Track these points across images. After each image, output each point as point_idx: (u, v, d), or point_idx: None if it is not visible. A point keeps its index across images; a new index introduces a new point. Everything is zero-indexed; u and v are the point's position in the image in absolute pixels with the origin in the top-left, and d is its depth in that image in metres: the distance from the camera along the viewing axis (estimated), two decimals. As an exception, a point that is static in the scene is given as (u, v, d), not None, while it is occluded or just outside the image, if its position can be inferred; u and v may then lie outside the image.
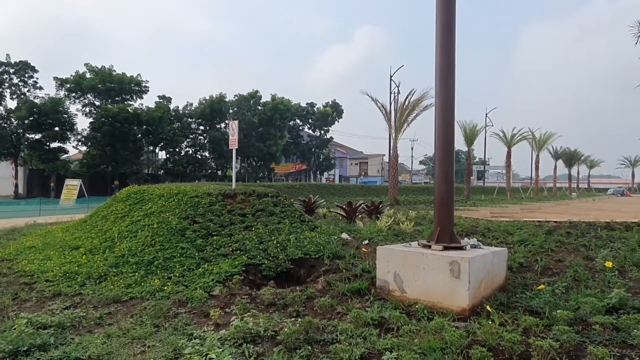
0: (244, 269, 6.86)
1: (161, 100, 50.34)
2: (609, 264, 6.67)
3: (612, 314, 4.81)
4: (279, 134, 58.68)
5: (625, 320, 4.47)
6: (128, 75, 46.66)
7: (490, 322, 4.63)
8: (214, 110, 52.32)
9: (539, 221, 14.69)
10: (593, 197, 55.25)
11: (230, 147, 11.17)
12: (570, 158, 68.94)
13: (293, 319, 4.93)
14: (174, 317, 5.16)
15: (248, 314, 5.04)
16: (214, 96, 53.35)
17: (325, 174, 75.70)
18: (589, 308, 4.87)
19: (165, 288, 6.13)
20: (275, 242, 7.86)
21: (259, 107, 57.93)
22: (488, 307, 5.04)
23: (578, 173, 79.55)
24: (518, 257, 7.36)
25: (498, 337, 4.15)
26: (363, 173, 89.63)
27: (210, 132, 53.06)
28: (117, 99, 46.13)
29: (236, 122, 10.80)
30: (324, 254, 7.51)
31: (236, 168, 59.84)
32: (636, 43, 8.18)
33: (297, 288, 6.19)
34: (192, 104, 54.27)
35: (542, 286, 5.76)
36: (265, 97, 59.18)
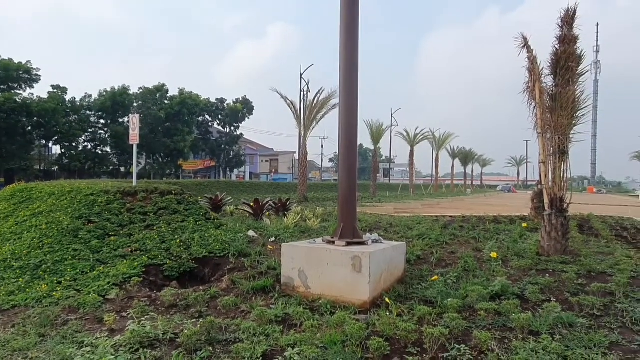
0: (144, 270, 6.55)
1: (55, 90, 46.26)
2: (494, 255, 7.30)
3: (495, 301, 5.25)
4: (187, 129, 56.68)
5: (506, 306, 4.90)
6: (16, 61, 42.34)
7: (388, 314, 4.85)
8: (116, 103, 49.21)
9: (436, 216, 15.68)
10: (485, 194, 60.16)
11: (131, 143, 10.60)
12: (466, 157, 74.41)
13: (195, 320, 4.79)
14: (63, 325, 4.78)
15: (146, 317, 4.82)
16: (116, 88, 50.22)
17: (236, 171, 74.56)
18: (475, 296, 5.27)
19: (55, 294, 5.66)
20: (178, 241, 7.60)
21: (166, 102, 55.49)
22: (387, 299, 5.27)
23: (472, 171, 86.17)
24: (416, 250, 7.79)
25: (395, 327, 4.35)
26: (274, 170, 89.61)
27: (112, 126, 49.87)
28: (2, 87, 41.67)
29: (137, 115, 10.27)
30: (230, 252, 7.40)
31: (140, 165, 56.63)
32: (519, 54, 8.97)
33: (201, 288, 6.03)
34: (91, 95, 50.66)
35: (435, 277, 6.16)
36: (173, 91, 56.85)
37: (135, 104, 52.43)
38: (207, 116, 64.80)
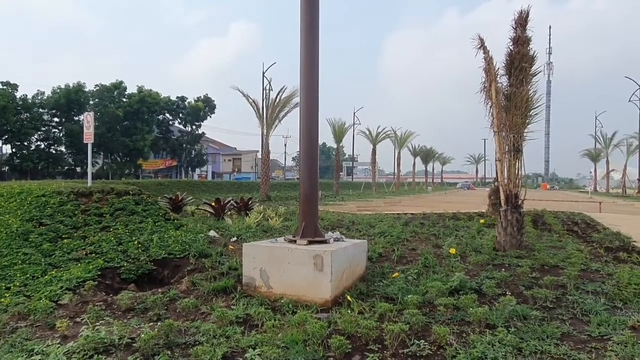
0: (99, 273, 6.34)
1: (5, 87, 44.21)
2: (452, 251, 7.46)
3: (453, 296, 5.35)
4: (147, 128, 55.32)
5: (464, 300, 5.01)
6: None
7: (350, 311, 4.87)
8: (70, 100, 47.45)
9: (398, 214, 15.91)
10: (445, 191, 61.57)
11: (85, 142, 10.24)
12: (427, 155, 75.93)
13: (153, 323, 4.67)
14: (11, 333, 4.57)
15: (101, 322, 4.66)
16: (71, 85, 48.44)
17: (198, 170, 73.41)
18: (435, 291, 5.37)
19: (3, 300, 5.40)
20: (136, 242, 7.39)
21: (124, 99, 53.95)
22: (349, 297, 5.30)
23: (433, 169, 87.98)
24: (378, 247, 7.87)
25: (356, 324, 4.37)
26: (236, 169, 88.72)
27: (67, 125, 48.09)
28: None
29: (91, 113, 9.94)
30: (190, 253, 7.26)
31: (97, 164, 54.87)
32: (476, 54, 9.17)
33: (159, 290, 5.89)
34: (44, 92, 48.66)
35: (396, 274, 6.23)
36: (132, 89, 55.36)
37: (91, 102, 50.73)
38: (167, 115, 63.47)
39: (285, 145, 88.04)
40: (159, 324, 4.50)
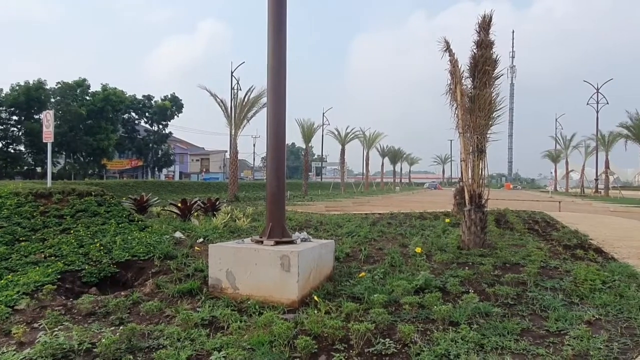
0: (59, 277, 6.13)
1: (-42, 83, 42.40)
2: (418, 250, 7.57)
3: (419, 294, 5.43)
4: (112, 127, 53.97)
5: (429, 299, 5.09)
6: None
7: (316, 312, 4.87)
8: (30, 98, 45.80)
9: (366, 214, 16.04)
10: (412, 191, 62.47)
11: (45, 141, 9.91)
12: (395, 156, 76.81)
13: (115, 327, 4.55)
14: (-37, 340, 4.37)
15: (60, 327, 4.51)
16: (31, 82, 46.73)
17: (165, 170, 72.11)
18: (401, 290, 5.44)
19: (-46, 306, 5.15)
20: (98, 244, 7.19)
21: (88, 98, 52.46)
22: (316, 297, 5.30)
23: (401, 169, 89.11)
24: (345, 247, 7.91)
25: (322, 324, 4.37)
26: (204, 169, 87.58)
27: (27, 123, 46.38)
28: None
29: (51, 112, 9.62)
30: (155, 254, 7.12)
31: (59, 164, 53.15)
32: (442, 57, 9.35)
33: (122, 293, 5.74)
34: (1, 89, 46.78)
35: (363, 274, 6.28)
36: (96, 87, 53.90)
37: (52, 100, 49.12)
38: (133, 114, 62.16)
39: (254, 145, 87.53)
40: (121, 328, 4.38)
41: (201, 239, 8.39)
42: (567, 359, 3.76)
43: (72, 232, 7.58)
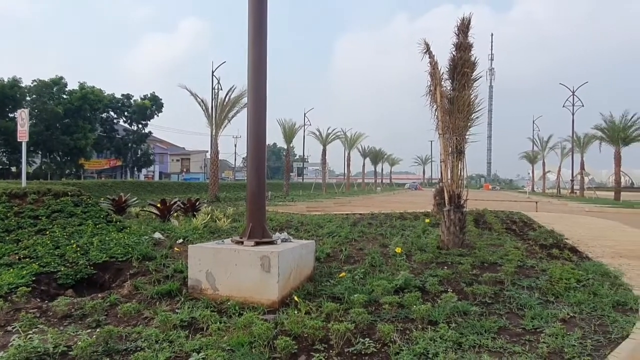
0: (34, 279, 6.01)
1: None
2: (398, 250, 7.63)
3: (398, 294, 5.48)
4: (90, 126, 53.00)
5: (408, 298, 5.14)
6: None
7: (297, 312, 4.86)
8: (5, 96, 44.65)
9: (347, 214, 16.09)
10: (393, 191, 62.91)
11: (19, 140, 9.70)
12: (376, 156, 77.21)
13: (91, 330, 4.48)
14: None
15: (35, 329, 4.42)
16: (5, 80, 45.61)
17: (144, 170, 71.13)
18: (381, 290, 5.47)
19: None
20: (75, 246, 7.07)
21: (65, 96, 51.41)
22: (296, 298, 5.30)
23: (382, 170, 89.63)
24: (326, 248, 7.93)
25: (303, 325, 4.37)
26: (185, 170, 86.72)
27: (1, 122, 45.20)
28: None
29: (25, 110, 9.44)
30: (133, 256, 7.02)
31: (35, 164, 51.94)
32: (422, 59, 9.43)
33: (99, 295, 5.65)
34: (-27, 87, 45.51)
35: (343, 274, 6.30)
36: (73, 85, 52.85)
37: (28, 98, 48.02)
38: (112, 113, 61.17)
39: (235, 145, 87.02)
40: (97, 330, 4.32)
41: (181, 240, 8.31)
42: (543, 356, 3.83)
43: (47, 233, 7.44)
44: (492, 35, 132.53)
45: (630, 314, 5.03)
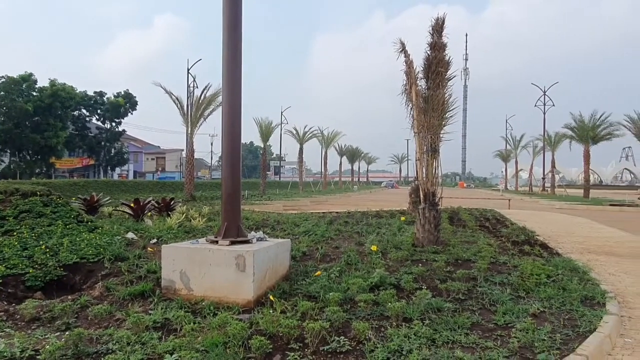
0: (0, 281, 5.83)
1: None
2: (374, 248, 7.67)
3: (374, 291, 5.51)
4: (61, 124, 51.61)
5: (383, 296, 5.17)
6: None
7: (272, 311, 4.84)
8: (-31, 92, 43.26)
9: (323, 212, 16.12)
10: (370, 190, 63.31)
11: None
12: (353, 155, 77.53)
13: (60, 333, 4.37)
14: None
15: (1, 333, 4.29)
16: (-29, 76, 44.16)
17: (118, 169, 69.76)
18: (356, 288, 5.49)
19: None
20: (44, 247, 6.88)
21: (34, 93, 49.97)
22: (271, 297, 5.27)
23: (359, 168, 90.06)
24: (302, 246, 7.91)
25: (278, 324, 4.35)
26: (160, 168, 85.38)
27: (-35, 120, 43.79)
28: None
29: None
30: (105, 256, 6.88)
31: (3, 163, 50.33)
32: (397, 58, 9.49)
33: (69, 297, 5.52)
34: (-63, 84, 43.94)
35: (319, 272, 6.30)
36: (43, 82, 51.41)
37: (-5, 95, 46.56)
38: (84, 110, 59.72)
39: (211, 144, 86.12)
40: (67, 333, 4.20)
41: (154, 240, 8.18)
42: (513, 351, 3.91)
43: (15, 234, 7.22)
44: (466, 35, 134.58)
45: (597, 308, 5.18)
